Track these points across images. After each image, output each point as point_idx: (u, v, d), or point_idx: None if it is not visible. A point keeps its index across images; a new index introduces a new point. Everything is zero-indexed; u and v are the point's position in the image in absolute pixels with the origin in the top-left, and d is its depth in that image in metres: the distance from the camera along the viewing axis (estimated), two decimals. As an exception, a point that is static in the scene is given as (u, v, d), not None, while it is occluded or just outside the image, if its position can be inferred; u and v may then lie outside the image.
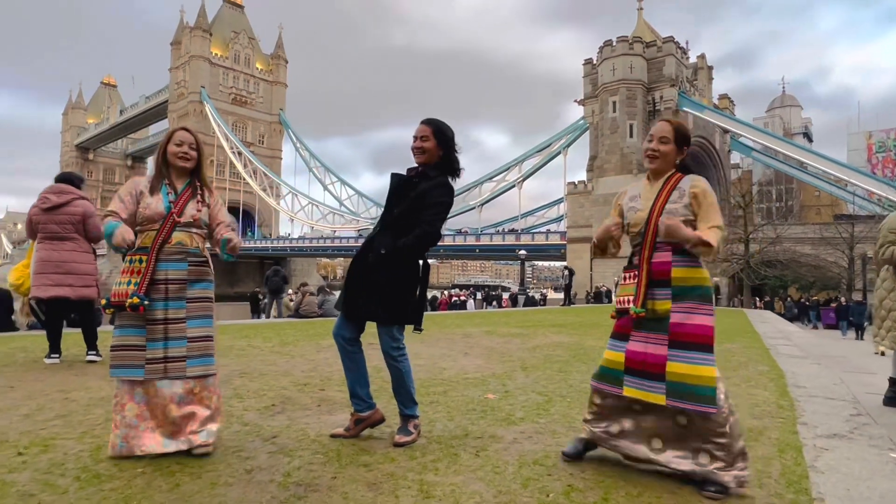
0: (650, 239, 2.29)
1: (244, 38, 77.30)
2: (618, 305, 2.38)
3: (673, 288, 2.23)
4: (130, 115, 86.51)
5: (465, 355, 5.93)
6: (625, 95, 46.77)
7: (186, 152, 2.60)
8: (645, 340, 2.25)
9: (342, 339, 2.77)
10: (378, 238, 2.73)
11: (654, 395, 2.19)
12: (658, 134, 2.37)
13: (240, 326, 8.46)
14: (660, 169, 2.38)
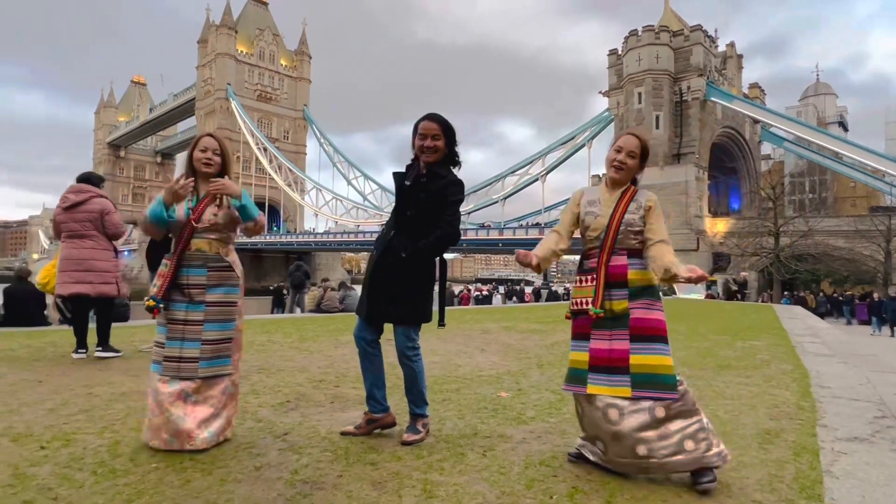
0: (609, 244, 2.41)
1: (269, 34, 78.16)
2: (573, 307, 2.47)
3: (630, 289, 2.37)
4: (159, 113, 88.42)
5: (482, 352, 5.94)
6: (651, 86, 45.88)
7: (210, 158, 2.68)
8: (609, 338, 2.35)
9: (364, 342, 2.78)
10: (395, 240, 2.73)
11: (620, 388, 2.29)
12: (628, 148, 2.46)
13: (262, 321, 8.61)
14: (621, 180, 2.50)
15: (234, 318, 2.70)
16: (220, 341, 2.62)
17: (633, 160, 2.46)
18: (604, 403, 2.32)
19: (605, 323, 2.36)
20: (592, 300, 2.36)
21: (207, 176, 2.69)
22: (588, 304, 2.37)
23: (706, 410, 3.50)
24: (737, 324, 10.52)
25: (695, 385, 4.33)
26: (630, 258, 2.40)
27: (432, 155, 2.74)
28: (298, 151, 78.43)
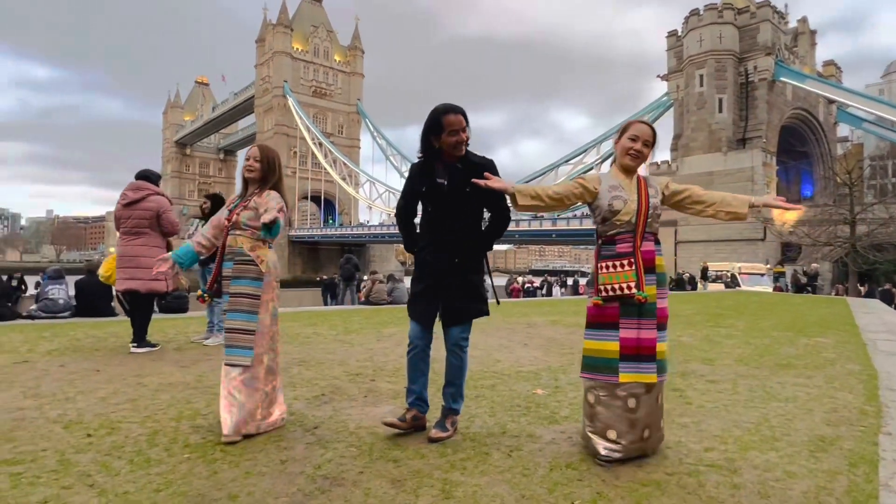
0: (641, 229, 2.45)
1: (323, 31, 79.73)
2: (607, 293, 2.43)
3: (657, 275, 2.47)
4: (221, 112, 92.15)
5: (524, 346, 5.85)
6: (713, 68, 43.68)
7: (251, 165, 2.91)
8: (637, 327, 2.42)
9: (424, 344, 2.77)
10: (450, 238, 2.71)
11: (647, 375, 2.40)
12: (644, 136, 2.53)
13: (310, 314, 8.83)
14: (635, 167, 2.56)
15: (257, 310, 2.76)
16: (241, 331, 2.71)
17: (648, 148, 2.53)
18: (626, 393, 2.41)
19: (633, 311, 2.41)
20: (636, 284, 2.37)
21: (254, 181, 2.92)
22: (632, 289, 2.38)
23: (755, 413, 3.32)
24: (803, 319, 9.90)
25: (747, 385, 4.10)
26: (656, 244, 2.50)
27: (461, 150, 2.69)
28: (352, 145, 79.82)
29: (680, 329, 7.70)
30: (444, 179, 2.72)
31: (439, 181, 2.72)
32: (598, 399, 2.45)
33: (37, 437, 2.59)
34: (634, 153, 2.50)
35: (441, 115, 2.65)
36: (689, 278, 24.48)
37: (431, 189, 2.73)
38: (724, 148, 41.72)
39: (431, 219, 2.77)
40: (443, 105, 2.70)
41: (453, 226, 2.72)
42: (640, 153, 2.50)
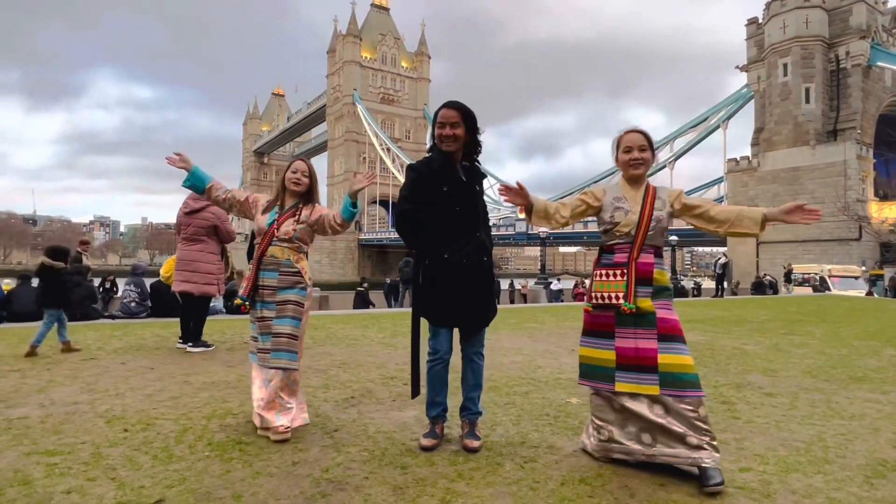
0: (640, 241, 2.42)
1: (390, 38, 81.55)
2: (597, 301, 2.47)
3: (653, 287, 2.42)
4: (295, 121, 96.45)
5: (571, 352, 5.66)
6: (799, 56, 40.68)
7: (299, 179, 2.99)
8: (634, 336, 2.38)
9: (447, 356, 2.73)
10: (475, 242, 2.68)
11: (648, 386, 2.33)
12: (636, 144, 2.49)
13: (364, 316, 9.01)
14: (641, 175, 2.51)
15: (300, 317, 2.91)
16: (290, 336, 2.84)
17: (645, 153, 2.49)
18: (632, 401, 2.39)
19: (629, 321, 2.39)
20: (624, 295, 2.38)
21: (295, 194, 3.00)
22: (619, 299, 2.39)
23: (810, 431, 3.03)
24: (894, 327, 8.98)
25: (808, 399, 3.76)
26: (657, 258, 2.45)
27: (452, 144, 2.66)
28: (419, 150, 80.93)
29: (747, 336, 7.20)
30: (463, 177, 2.69)
31: (462, 178, 2.69)
32: (595, 403, 2.53)
33: (81, 431, 2.79)
34: (635, 163, 2.48)
35: (440, 108, 2.70)
36: (770, 282, 22.83)
37: (454, 186, 2.66)
38: (811, 141, 38.75)
39: (455, 218, 2.65)
40: (448, 100, 2.73)
41: (477, 224, 2.70)
42: (639, 160, 2.47)
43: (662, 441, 2.32)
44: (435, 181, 2.67)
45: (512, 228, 63.13)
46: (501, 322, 8.32)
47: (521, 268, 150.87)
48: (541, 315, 9.80)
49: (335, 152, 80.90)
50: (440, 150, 2.70)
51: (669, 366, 2.31)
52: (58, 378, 3.95)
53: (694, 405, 2.28)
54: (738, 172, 43.79)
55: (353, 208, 2.92)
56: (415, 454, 2.54)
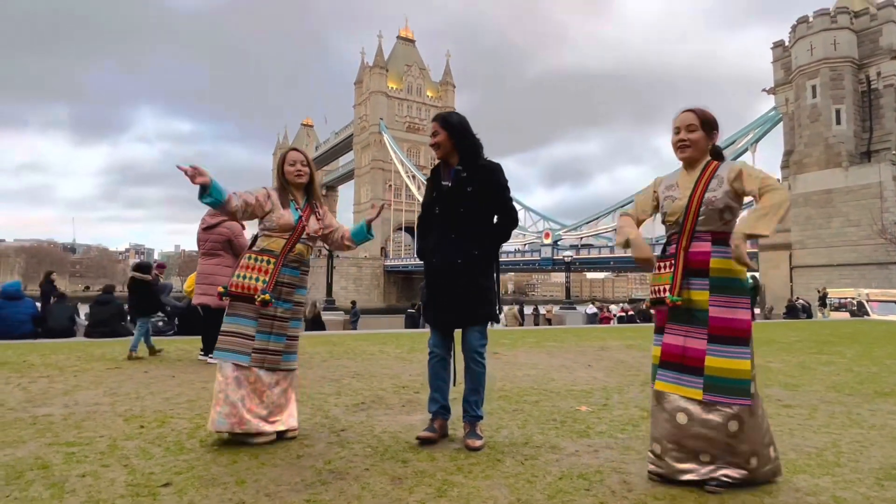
0: (689, 227, 2.21)
1: (416, 69, 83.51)
2: (652, 295, 2.31)
3: (711, 279, 2.16)
4: (323, 150, 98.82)
5: (587, 367, 5.62)
6: (828, 77, 40.12)
7: (300, 170, 2.89)
8: (684, 334, 2.20)
9: (443, 352, 2.82)
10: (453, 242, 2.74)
11: (691, 389, 2.14)
12: (683, 123, 2.30)
13: (384, 335, 9.09)
14: (693, 157, 2.30)
15: (300, 317, 2.96)
16: (296, 338, 2.89)
17: (695, 133, 2.28)
18: (673, 406, 2.19)
19: (681, 316, 2.20)
20: (670, 287, 2.19)
21: (300, 186, 2.91)
22: (665, 292, 2.21)
23: (825, 438, 2.95)
24: (933, 347, 8.60)
25: (828, 411, 3.66)
26: (715, 244, 2.18)
27: (438, 151, 2.81)
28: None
29: (773, 355, 7.02)
30: (447, 182, 2.79)
31: (444, 184, 2.81)
32: (651, 410, 2.30)
33: (100, 426, 2.91)
34: (681, 143, 2.29)
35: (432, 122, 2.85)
36: (804, 306, 22.13)
37: (438, 192, 2.83)
38: (844, 163, 37.88)
39: (438, 222, 2.82)
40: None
41: (458, 228, 2.75)
42: (685, 141, 2.27)
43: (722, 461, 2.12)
44: (428, 190, 2.90)
45: (537, 254, 62.87)
46: (521, 341, 8.29)
47: (547, 294, 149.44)
48: (562, 335, 9.72)
49: (362, 180, 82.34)
50: (439, 163, 2.89)
51: (717, 370, 2.11)
52: (83, 383, 4.11)
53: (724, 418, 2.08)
54: (769, 195, 42.85)
55: (369, 234, 2.96)
56: (417, 450, 2.57)
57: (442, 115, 2.84)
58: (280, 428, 2.73)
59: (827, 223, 37.72)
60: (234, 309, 2.80)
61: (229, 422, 2.65)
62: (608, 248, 56.79)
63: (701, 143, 2.28)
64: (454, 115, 2.86)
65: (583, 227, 63.20)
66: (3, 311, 8.10)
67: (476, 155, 2.81)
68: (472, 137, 2.82)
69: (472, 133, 2.82)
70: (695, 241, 2.21)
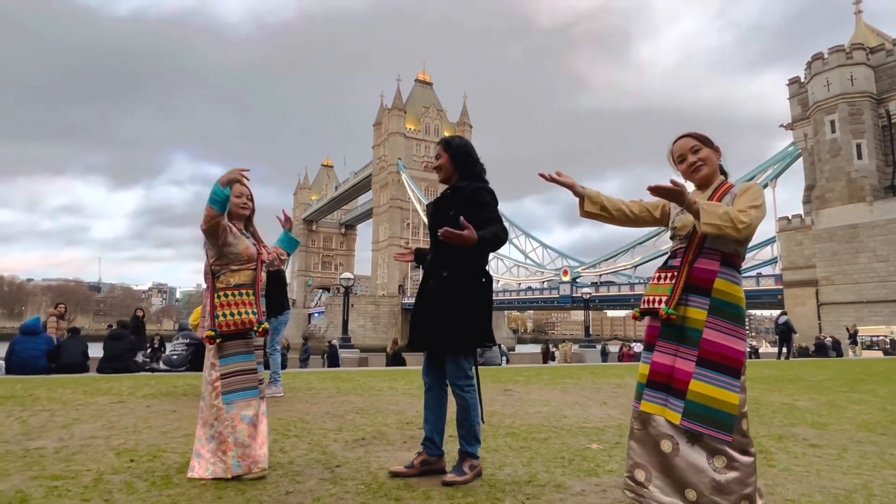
0: (698, 242, 2.09)
1: (433, 111, 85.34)
2: (643, 305, 2.15)
3: (712, 299, 2.02)
4: (342, 190, 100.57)
5: (602, 405, 5.41)
6: (846, 112, 39.92)
7: (246, 203, 2.88)
8: (674, 353, 2.05)
9: (433, 381, 2.73)
10: (432, 265, 2.70)
11: (672, 412, 2.00)
12: (685, 148, 2.22)
13: (393, 372, 8.92)
14: (708, 175, 2.20)
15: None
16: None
17: (701, 151, 2.19)
18: (658, 431, 2.02)
19: (673, 333, 2.06)
20: (667, 300, 2.06)
21: (241, 218, 2.88)
22: (660, 303, 2.07)
23: (855, 479, 2.74)
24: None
25: (859, 451, 3.42)
26: (723, 265, 2.05)
27: (440, 174, 2.80)
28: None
29: (800, 393, 6.69)
30: (433, 204, 2.78)
31: (430, 205, 2.79)
32: (633, 431, 2.13)
33: (90, 460, 2.83)
34: (693, 167, 2.19)
35: None
36: (833, 343, 21.35)
37: (428, 213, 2.83)
38: (868, 197, 37.21)
39: (430, 245, 2.79)
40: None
41: (438, 250, 2.68)
42: (694, 164, 2.19)
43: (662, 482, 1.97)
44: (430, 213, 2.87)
45: (556, 292, 62.29)
46: (535, 377, 8.07)
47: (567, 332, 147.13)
48: (578, 372, 9.45)
49: (380, 219, 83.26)
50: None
51: (701, 396, 1.95)
52: (84, 417, 4.05)
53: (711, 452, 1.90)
54: (792, 231, 42.17)
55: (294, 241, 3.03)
56: (412, 488, 2.43)
57: (445, 139, 2.82)
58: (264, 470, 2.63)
59: (854, 258, 36.79)
60: (226, 350, 2.67)
61: (245, 464, 2.56)
62: (628, 286, 56.03)
63: (713, 160, 2.19)
64: (457, 138, 2.84)
65: (601, 265, 62.61)
66: (18, 346, 8.18)
67: (476, 177, 2.76)
68: (474, 161, 2.77)
69: (474, 157, 2.78)
70: (702, 258, 2.07)
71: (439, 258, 2.68)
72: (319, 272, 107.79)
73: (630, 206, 2.32)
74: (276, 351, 5.60)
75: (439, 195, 2.81)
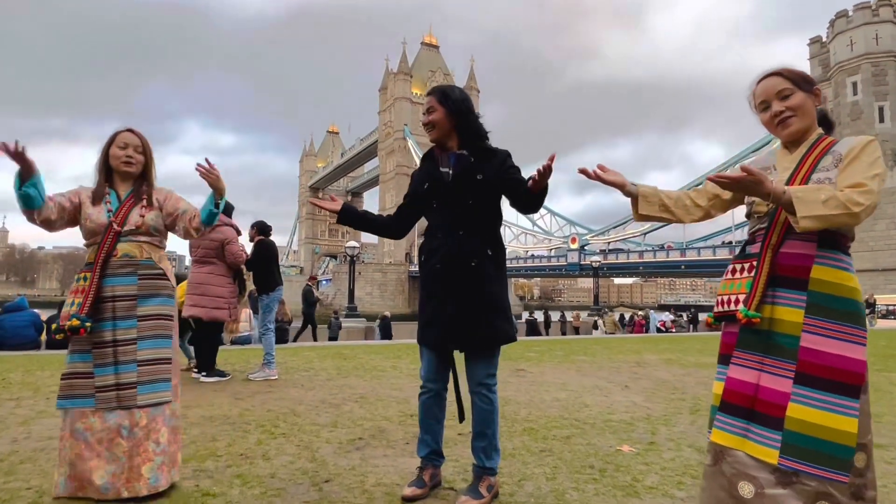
0: (782, 219, 1.57)
1: (440, 74, 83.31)
2: (718, 307, 1.69)
3: (809, 294, 1.52)
4: (348, 157, 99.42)
5: (624, 388, 4.96)
6: (870, 73, 38.48)
7: (131, 156, 2.28)
8: (759, 367, 1.55)
9: (437, 386, 2.27)
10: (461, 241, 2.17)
11: (762, 447, 1.50)
12: (771, 93, 1.67)
13: (399, 346, 8.53)
14: (801, 129, 1.66)
15: (170, 333, 2.26)
16: (158, 361, 2.18)
17: (793, 97, 1.64)
18: (734, 470, 1.53)
19: (756, 342, 1.57)
20: (745, 298, 1.58)
21: (128, 176, 2.31)
22: (737, 304, 1.59)
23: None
24: None
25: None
26: (822, 247, 1.54)
27: (432, 131, 2.27)
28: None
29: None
30: (447, 168, 2.24)
31: (443, 170, 2.25)
32: (705, 469, 1.65)
33: (35, 473, 2.40)
34: (781, 119, 1.66)
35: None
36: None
37: (435, 181, 2.26)
38: (889, 162, 36.07)
39: (439, 218, 2.26)
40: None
41: (468, 224, 2.19)
42: (782, 114, 1.65)
43: None
44: (419, 179, 2.33)
45: (564, 259, 61.78)
46: (548, 354, 7.65)
47: (574, 299, 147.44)
48: (592, 347, 9.03)
49: (386, 186, 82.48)
50: (432, 147, 2.34)
51: (805, 424, 1.46)
52: (51, 408, 3.64)
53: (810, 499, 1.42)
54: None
55: (214, 209, 2.28)
56: (414, 518, 1.99)
57: (440, 89, 2.28)
58: (141, 491, 2.06)
59: (871, 226, 35.94)
60: (72, 345, 2.17)
61: (70, 485, 2.07)
62: (637, 253, 55.42)
63: (807, 107, 1.64)
64: (455, 89, 2.31)
65: (610, 232, 61.89)
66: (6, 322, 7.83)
67: (481, 138, 2.27)
68: (476, 118, 2.29)
69: (475, 113, 2.29)
70: (790, 240, 1.57)
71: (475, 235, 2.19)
72: (326, 240, 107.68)
73: (695, 198, 1.81)
74: (268, 331, 5.17)
75: (448, 156, 2.26)
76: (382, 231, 2.42)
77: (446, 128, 2.23)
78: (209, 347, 4.90)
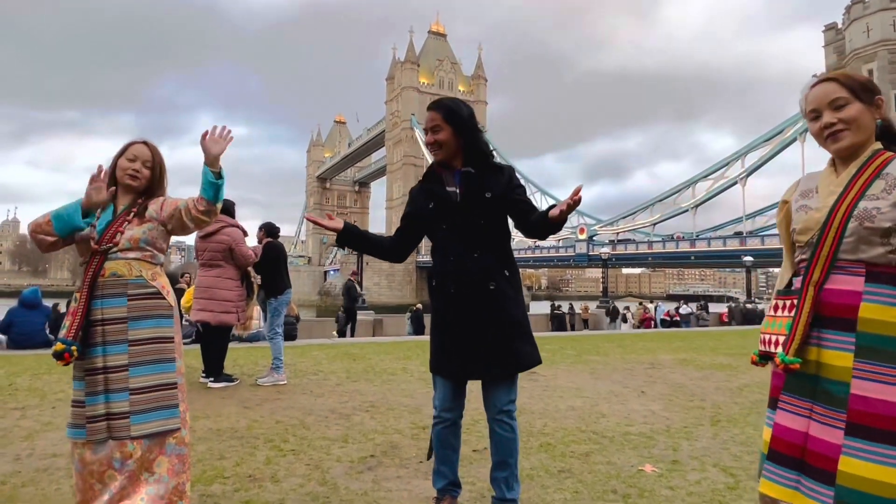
0: (827, 252, 1.41)
1: (447, 63, 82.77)
2: (760, 346, 1.53)
3: (858, 335, 1.36)
4: (356, 147, 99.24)
5: (640, 395, 4.84)
6: (886, 60, 37.70)
7: (137, 170, 2.13)
8: (807, 413, 1.41)
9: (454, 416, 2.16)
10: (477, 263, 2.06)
11: (808, 499, 1.36)
12: (824, 101, 1.47)
13: (407, 344, 8.43)
14: (852, 144, 1.46)
15: (172, 357, 2.07)
16: (157, 388, 2.00)
17: (848, 108, 1.45)
18: None
19: (803, 387, 1.43)
20: (785, 340, 1.43)
21: (130, 190, 2.15)
22: (777, 346, 1.46)
23: None
24: None
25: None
26: (871, 282, 1.38)
27: (438, 151, 2.14)
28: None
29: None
30: (454, 188, 2.13)
31: (450, 190, 2.14)
32: None
33: (37, 498, 2.32)
34: (831, 132, 1.47)
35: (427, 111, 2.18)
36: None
37: (441, 202, 2.14)
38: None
39: (448, 240, 2.13)
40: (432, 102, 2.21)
41: (479, 244, 2.08)
42: (833, 127, 1.46)
43: None
44: (422, 199, 2.20)
45: (572, 249, 61.46)
46: (559, 353, 7.53)
47: (582, 290, 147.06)
48: (603, 345, 8.89)
49: (394, 176, 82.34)
50: (433, 164, 2.23)
51: (858, 479, 1.31)
52: (57, 419, 3.58)
53: None
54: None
55: (216, 179, 2.05)
56: (431, 558, 1.88)
57: (445, 105, 2.14)
58: None
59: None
60: (73, 371, 2.04)
61: None
62: (646, 244, 55.04)
63: (864, 121, 1.45)
64: (461, 104, 2.18)
65: (619, 223, 61.48)
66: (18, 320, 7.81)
67: (486, 155, 2.16)
68: (482, 133, 2.19)
69: (480, 128, 2.19)
70: (834, 274, 1.41)
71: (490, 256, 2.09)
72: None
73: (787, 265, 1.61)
74: (276, 335, 5.08)
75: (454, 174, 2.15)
76: (383, 254, 2.27)
77: (454, 147, 2.11)
78: (217, 352, 4.82)
